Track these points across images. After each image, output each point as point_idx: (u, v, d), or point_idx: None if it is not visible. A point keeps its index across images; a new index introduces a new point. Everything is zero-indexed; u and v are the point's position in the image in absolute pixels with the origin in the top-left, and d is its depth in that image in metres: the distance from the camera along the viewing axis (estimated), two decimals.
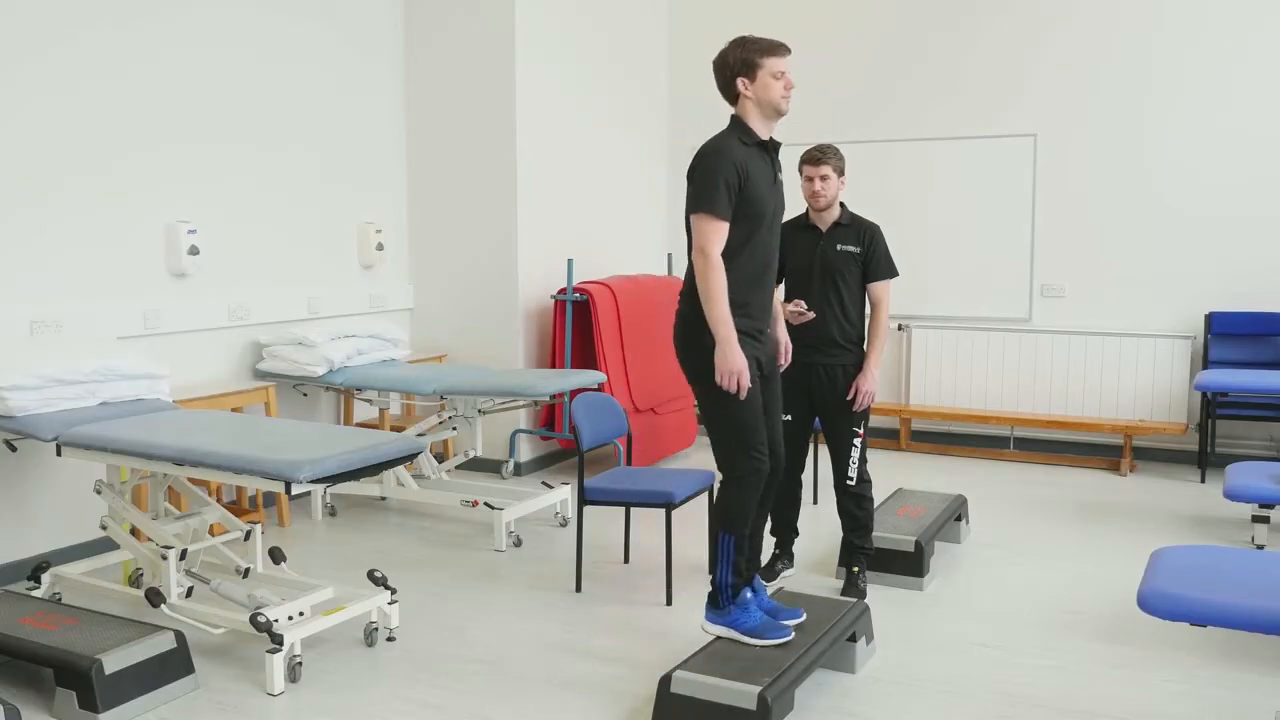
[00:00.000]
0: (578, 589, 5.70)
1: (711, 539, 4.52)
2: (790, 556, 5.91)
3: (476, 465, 8.18)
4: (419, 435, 7.01)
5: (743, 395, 4.26)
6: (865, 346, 5.57)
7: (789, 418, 5.68)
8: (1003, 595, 5.63)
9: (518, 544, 6.52)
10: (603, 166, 9.01)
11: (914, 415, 9.03)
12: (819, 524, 6.74)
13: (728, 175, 4.21)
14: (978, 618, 5.30)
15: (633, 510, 6.27)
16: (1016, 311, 8.91)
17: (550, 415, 8.41)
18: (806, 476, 5.98)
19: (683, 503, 5.43)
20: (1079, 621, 5.24)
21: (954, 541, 6.45)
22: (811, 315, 5.45)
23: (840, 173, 5.49)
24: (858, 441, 5.58)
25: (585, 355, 8.35)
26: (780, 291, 5.74)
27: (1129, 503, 7.45)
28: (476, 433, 7.06)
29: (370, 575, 5.11)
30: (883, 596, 5.53)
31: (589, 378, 6.90)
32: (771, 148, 4.45)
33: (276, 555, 5.37)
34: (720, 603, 4.47)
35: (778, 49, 4.41)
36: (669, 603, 5.45)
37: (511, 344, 8.24)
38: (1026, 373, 8.84)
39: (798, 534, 5.94)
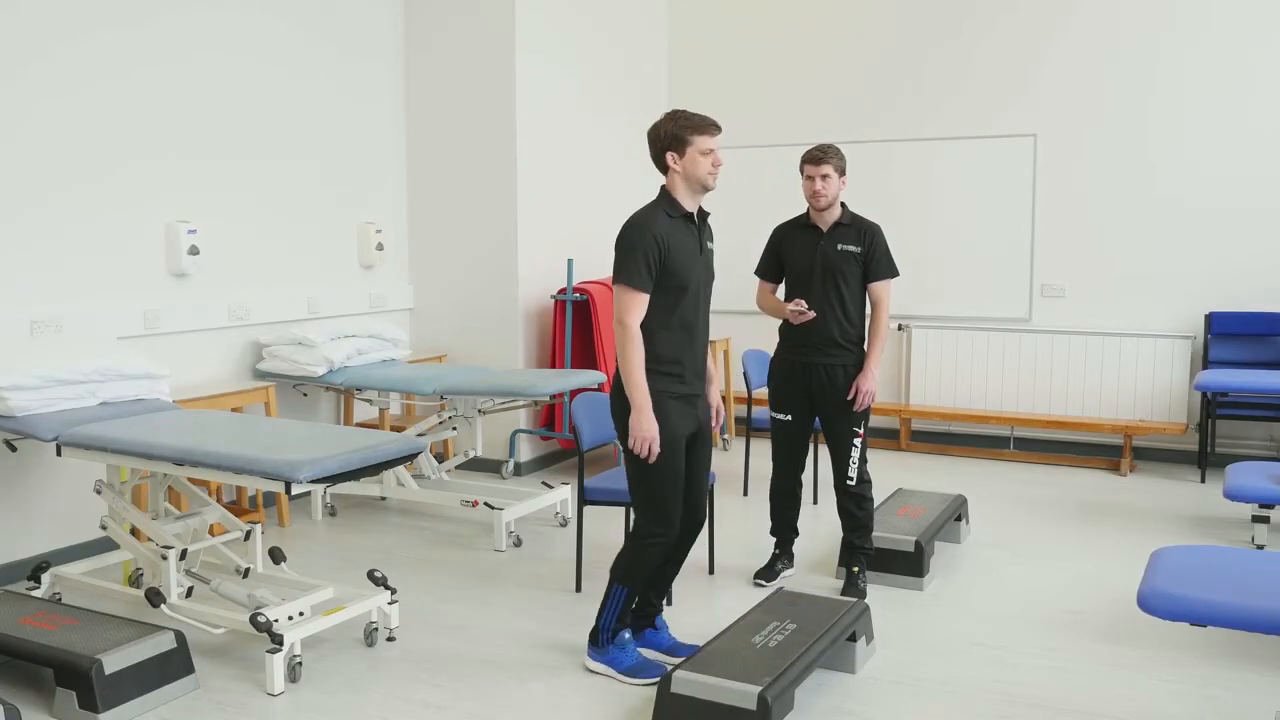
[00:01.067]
0: (578, 589, 5.70)
1: (608, 584, 4.63)
2: (790, 556, 5.91)
3: (476, 465, 8.18)
4: (419, 435, 7.01)
5: (652, 460, 4.36)
6: (865, 346, 5.57)
7: (788, 417, 5.69)
8: (1003, 595, 5.63)
9: (518, 544, 6.53)
10: (602, 166, 9.01)
11: (914, 415, 9.03)
12: (819, 524, 6.74)
13: (648, 248, 4.30)
14: (978, 618, 5.30)
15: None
16: (1016, 311, 8.91)
17: (550, 415, 8.42)
18: (806, 476, 5.97)
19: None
20: (1079, 621, 5.24)
21: (954, 541, 6.45)
22: (812, 315, 5.45)
23: (841, 172, 5.49)
24: (858, 442, 5.58)
25: (585, 355, 8.36)
26: (780, 291, 5.76)
27: (1129, 503, 7.45)
28: (476, 433, 7.05)
29: (370, 575, 5.11)
30: (883, 596, 5.53)
31: (589, 378, 6.90)
32: (699, 218, 4.52)
33: (276, 555, 5.37)
34: (600, 641, 4.65)
35: (708, 128, 4.44)
36: (669, 603, 5.45)
37: (511, 344, 8.24)
38: (1026, 373, 8.84)
39: (798, 534, 5.94)
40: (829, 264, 5.50)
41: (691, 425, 4.52)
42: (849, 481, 5.59)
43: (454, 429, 7.23)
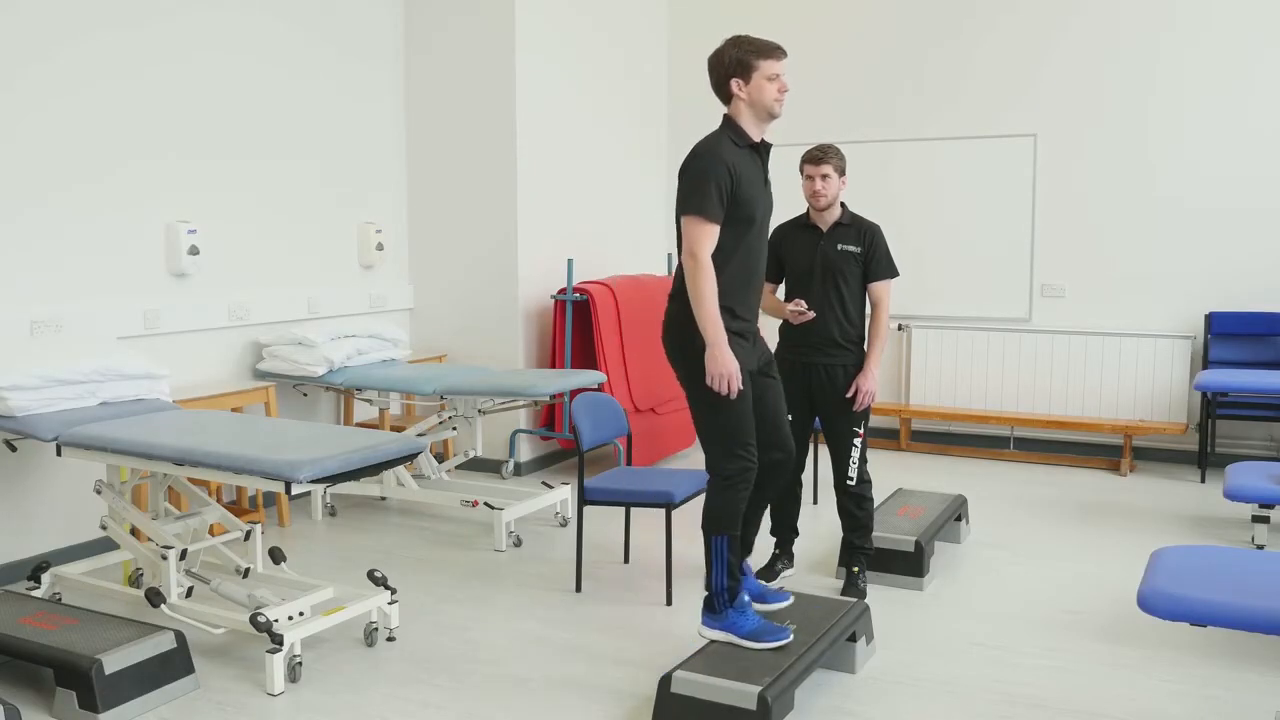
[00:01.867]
0: (578, 589, 5.70)
1: (706, 542, 4.45)
2: (790, 556, 5.91)
3: (476, 465, 8.19)
4: (419, 435, 7.02)
5: (734, 395, 4.24)
6: (865, 346, 5.57)
7: (789, 417, 5.68)
8: (1003, 595, 5.63)
9: (518, 544, 6.53)
10: (602, 166, 9.01)
11: (914, 415, 9.03)
12: (819, 524, 6.74)
13: (720, 178, 4.19)
14: (978, 618, 5.30)
15: (633, 510, 6.27)
16: (1016, 311, 8.91)
17: (550, 415, 8.42)
18: (806, 476, 5.98)
19: (683, 503, 5.43)
20: (1079, 621, 5.24)
21: (954, 541, 6.45)
22: (812, 315, 5.45)
23: (841, 172, 5.49)
24: (858, 441, 5.58)
25: (585, 355, 8.36)
26: (780, 291, 5.76)
27: (1129, 503, 7.45)
28: (476, 433, 7.06)
29: (370, 575, 5.11)
30: (883, 596, 5.53)
31: (589, 378, 6.90)
32: (763, 150, 4.43)
33: (276, 555, 5.37)
34: (717, 606, 4.42)
35: (774, 51, 4.38)
36: (669, 603, 5.46)
37: (511, 344, 8.24)
38: (1026, 373, 8.84)
39: (798, 534, 5.94)
40: (829, 264, 5.50)
41: (752, 362, 4.42)
42: (849, 481, 5.59)
43: (454, 429, 7.23)
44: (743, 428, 4.34)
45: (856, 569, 5.61)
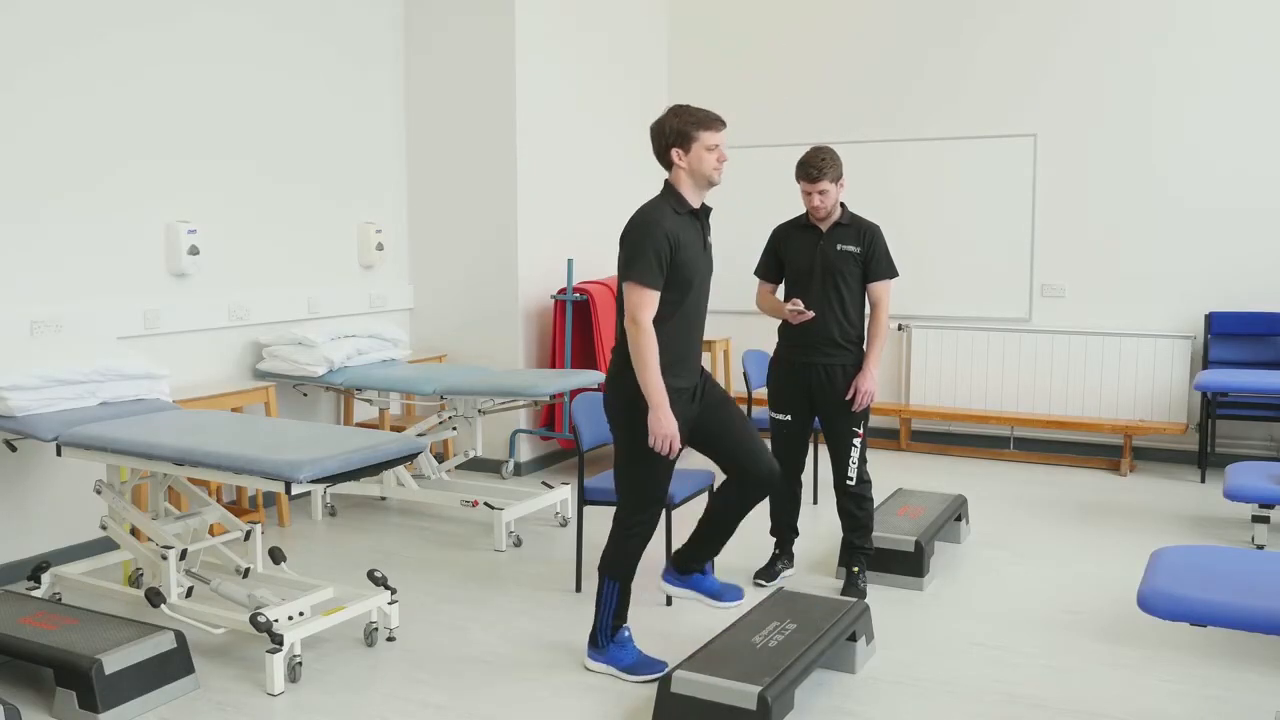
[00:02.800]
0: (578, 589, 5.70)
1: (599, 582, 4.66)
2: (790, 556, 5.92)
3: (476, 465, 8.19)
4: (419, 435, 7.01)
5: (673, 456, 4.42)
6: (865, 346, 5.57)
7: (788, 418, 5.69)
8: (1003, 595, 5.63)
9: (518, 544, 6.53)
10: (602, 167, 9.01)
11: (914, 415, 9.03)
12: (819, 524, 6.74)
13: (659, 245, 4.31)
14: (978, 618, 5.30)
15: (617, 500, 6.23)
16: (1016, 311, 8.91)
17: (550, 415, 8.42)
18: (806, 476, 5.98)
19: (682, 503, 5.41)
20: (1079, 621, 5.24)
21: (954, 541, 6.45)
22: (810, 315, 5.44)
23: (838, 180, 5.45)
24: (857, 442, 5.58)
25: (585, 355, 8.36)
26: (780, 291, 5.77)
27: (1129, 503, 7.45)
28: (476, 433, 7.06)
29: (370, 575, 5.11)
30: (883, 596, 5.53)
31: (589, 378, 6.90)
32: (702, 214, 4.55)
33: (276, 555, 5.37)
34: (600, 642, 4.67)
35: (713, 123, 4.45)
36: (669, 603, 5.45)
37: (511, 344, 8.24)
38: (1026, 373, 8.84)
39: (798, 534, 5.94)
40: (828, 264, 5.50)
41: (685, 415, 4.48)
42: (849, 481, 5.59)
43: (454, 429, 7.23)
44: (660, 485, 4.55)
45: (856, 569, 5.61)
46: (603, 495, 5.50)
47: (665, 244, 4.31)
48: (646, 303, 4.31)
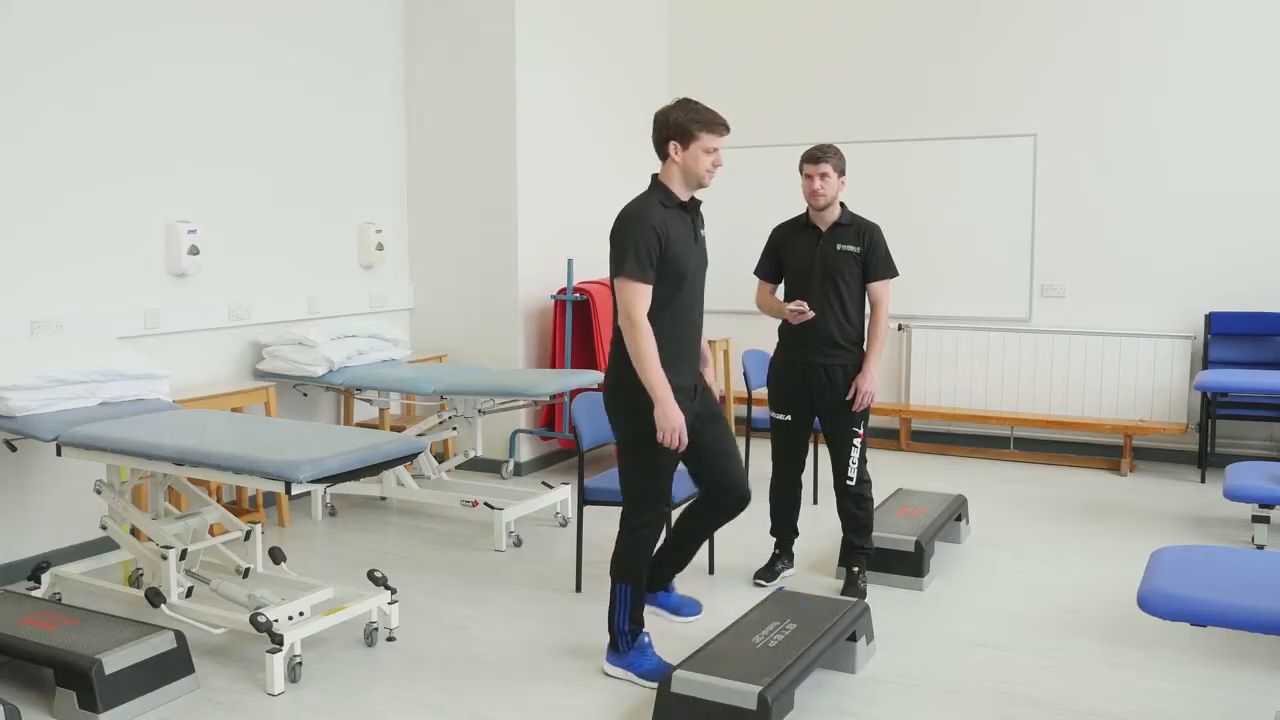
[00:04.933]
0: (577, 589, 5.70)
1: (611, 587, 4.66)
2: (790, 556, 5.92)
3: (476, 465, 8.17)
4: (419, 435, 7.01)
5: (682, 448, 4.40)
6: (865, 346, 5.57)
7: (789, 418, 5.70)
8: (1003, 595, 5.63)
9: (518, 544, 6.53)
10: (602, 166, 8.99)
11: (914, 415, 9.03)
12: (819, 524, 6.74)
13: (648, 240, 4.31)
14: (978, 618, 5.30)
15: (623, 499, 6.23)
16: (1016, 311, 8.90)
17: (550, 415, 8.42)
18: (806, 476, 5.98)
19: (681, 503, 5.38)
20: (1079, 621, 5.24)
21: (954, 542, 6.45)
22: (812, 315, 5.45)
23: (840, 172, 5.48)
24: (857, 442, 5.58)
25: (585, 355, 8.36)
26: (780, 291, 5.77)
27: (1129, 503, 7.45)
28: (476, 433, 7.06)
29: (370, 575, 5.11)
30: (883, 596, 5.53)
31: (589, 378, 6.90)
32: (692, 207, 4.55)
33: (276, 555, 5.36)
34: (620, 647, 4.63)
35: (717, 126, 4.45)
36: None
37: (511, 344, 8.24)
38: (1026, 373, 8.84)
39: (798, 534, 5.94)
40: (828, 264, 5.50)
41: (690, 413, 4.51)
42: (849, 482, 5.59)
43: (454, 429, 7.23)
44: (663, 483, 4.57)
45: (856, 569, 5.61)
46: (603, 495, 5.49)
47: (654, 237, 4.31)
48: (639, 297, 4.30)
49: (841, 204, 5.56)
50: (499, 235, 8.22)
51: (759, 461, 6.61)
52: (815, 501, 7.30)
